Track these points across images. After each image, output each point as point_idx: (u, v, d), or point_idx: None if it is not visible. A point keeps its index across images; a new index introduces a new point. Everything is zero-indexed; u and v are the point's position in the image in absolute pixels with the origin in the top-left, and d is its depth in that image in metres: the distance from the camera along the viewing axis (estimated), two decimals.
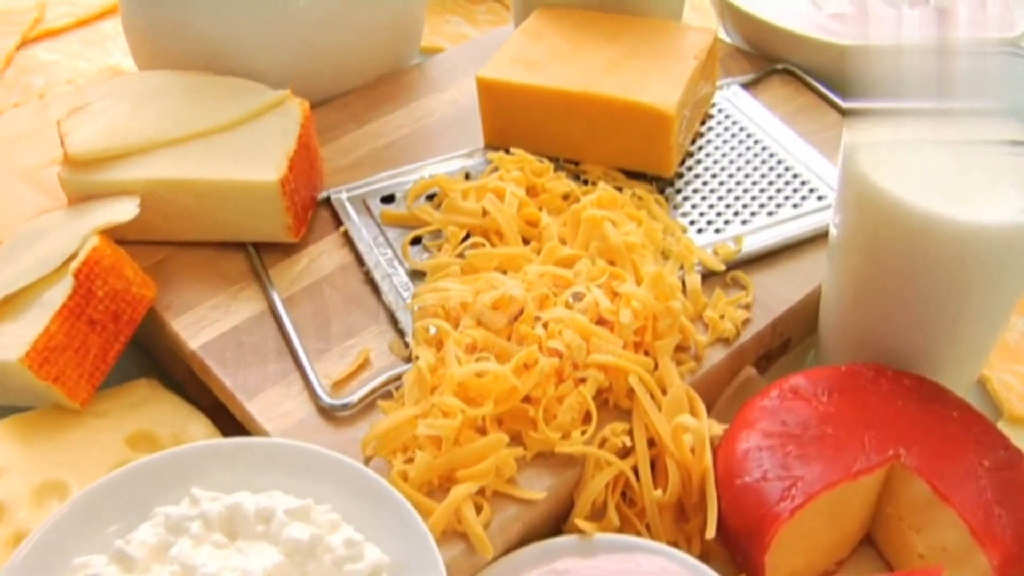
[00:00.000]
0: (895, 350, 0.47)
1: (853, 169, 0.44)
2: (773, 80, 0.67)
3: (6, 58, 0.78)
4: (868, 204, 0.44)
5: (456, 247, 0.51)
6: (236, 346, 0.50)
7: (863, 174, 0.44)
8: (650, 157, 0.56)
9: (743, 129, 0.61)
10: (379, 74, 0.68)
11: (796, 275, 0.52)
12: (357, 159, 0.60)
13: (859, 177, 0.44)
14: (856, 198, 0.45)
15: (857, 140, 0.44)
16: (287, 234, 0.53)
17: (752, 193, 0.56)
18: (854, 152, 0.44)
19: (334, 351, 0.49)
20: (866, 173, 0.44)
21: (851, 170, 0.44)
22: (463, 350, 0.45)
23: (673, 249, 0.51)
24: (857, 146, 0.44)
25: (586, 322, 0.46)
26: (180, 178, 0.52)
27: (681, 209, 0.55)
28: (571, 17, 0.62)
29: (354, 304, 0.51)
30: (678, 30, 0.61)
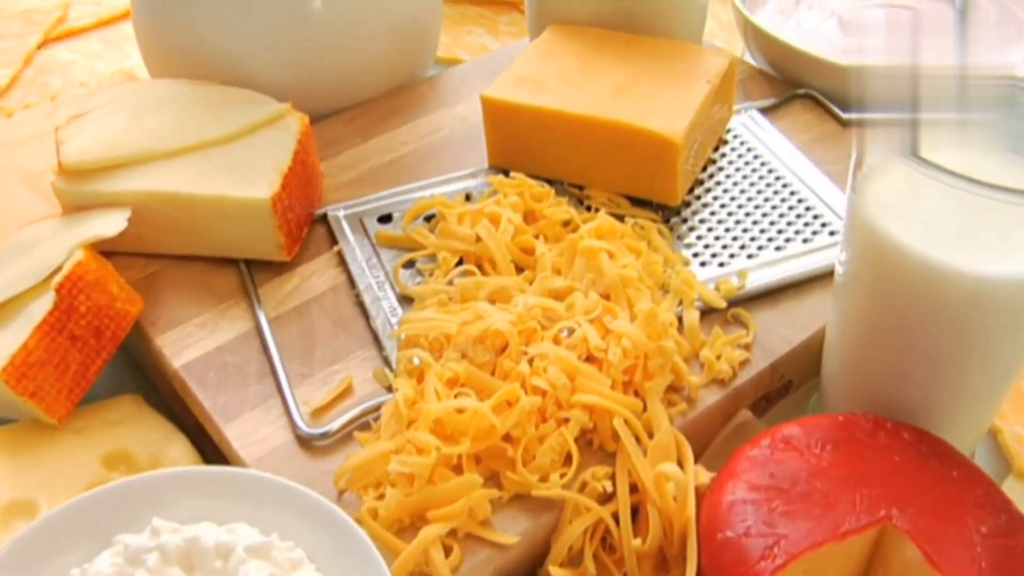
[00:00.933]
0: (898, 400, 0.45)
1: (859, 208, 0.42)
2: (794, 105, 0.64)
3: (26, 57, 0.78)
4: (873, 247, 0.42)
5: (447, 273, 0.50)
6: (219, 366, 0.49)
7: (869, 215, 0.42)
8: (656, 185, 0.54)
9: (757, 157, 0.59)
10: (391, 86, 0.66)
11: (801, 314, 0.50)
12: (358, 175, 0.59)
13: (864, 218, 0.42)
14: (861, 240, 0.43)
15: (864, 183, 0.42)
16: (279, 252, 0.52)
17: (761, 226, 0.54)
18: (861, 190, 0.42)
19: (317, 376, 0.48)
20: (872, 214, 0.41)
21: (857, 209, 0.42)
22: (444, 384, 0.44)
23: (673, 283, 0.49)
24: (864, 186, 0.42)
25: (573, 359, 0.44)
26: (171, 192, 0.51)
27: (686, 240, 0.53)
28: (585, 35, 0.61)
29: (342, 327, 0.50)
30: (694, 52, 0.59)
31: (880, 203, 0.41)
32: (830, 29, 0.69)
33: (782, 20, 0.71)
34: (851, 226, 0.43)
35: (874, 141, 0.40)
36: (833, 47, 0.66)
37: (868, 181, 0.42)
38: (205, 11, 0.60)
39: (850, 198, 0.43)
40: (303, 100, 0.63)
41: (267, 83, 0.61)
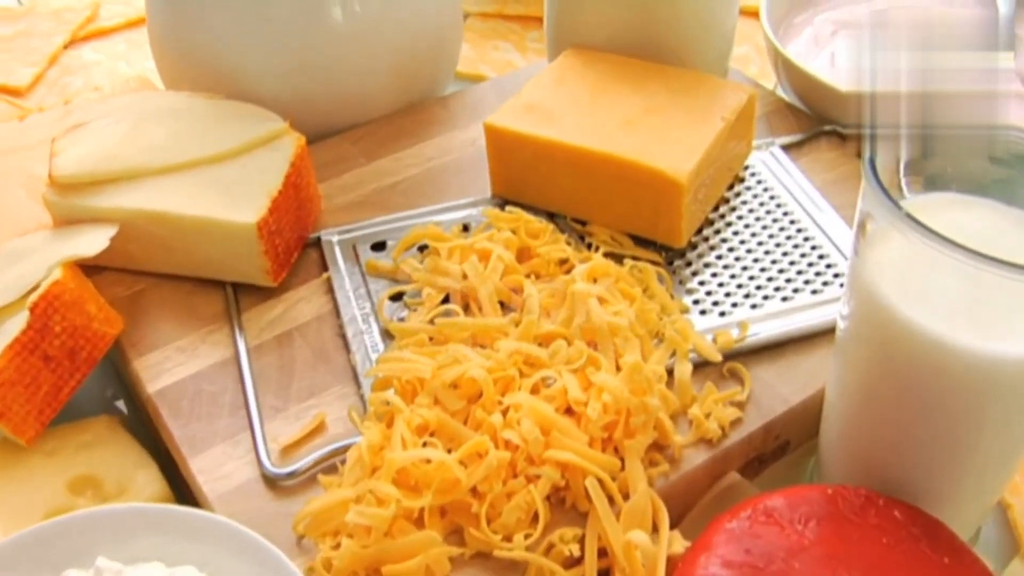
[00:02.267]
0: (898, 475, 0.42)
1: (860, 272, 0.39)
2: (820, 143, 0.61)
3: (51, 56, 0.78)
4: (873, 315, 0.39)
5: (431, 311, 0.48)
6: (194, 394, 0.47)
7: (870, 280, 0.39)
8: (659, 225, 0.52)
9: (773, 198, 0.56)
10: (405, 104, 0.65)
11: (803, 372, 0.47)
12: (358, 198, 0.57)
13: (866, 283, 0.39)
14: (861, 305, 0.40)
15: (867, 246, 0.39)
16: (265, 278, 0.51)
17: (769, 273, 0.51)
18: (863, 253, 0.39)
19: (291, 411, 0.47)
20: (873, 280, 0.39)
21: (858, 273, 0.40)
22: (412, 431, 0.42)
23: (667, 333, 0.47)
24: (867, 249, 0.39)
25: (550, 412, 0.42)
26: (158, 211, 0.50)
27: (688, 285, 0.51)
28: (601, 61, 0.58)
29: (322, 360, 0.49)
30: (712, 85, 0.56)
31: (882, 269, 0.38)
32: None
33: (816, 50, 0.67)
34: (852, 288, 0.41)
35: (875, 203, 0.37)
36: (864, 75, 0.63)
37: (871, 244, 0.39)
38: (219, 22, 0.59)
39: (852, 261, 0.40)
40: (312, 116, 0.61)
41: (277, 98, 0.60)
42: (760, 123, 0.62)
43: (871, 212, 0.38)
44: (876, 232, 0.38)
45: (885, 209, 0.36)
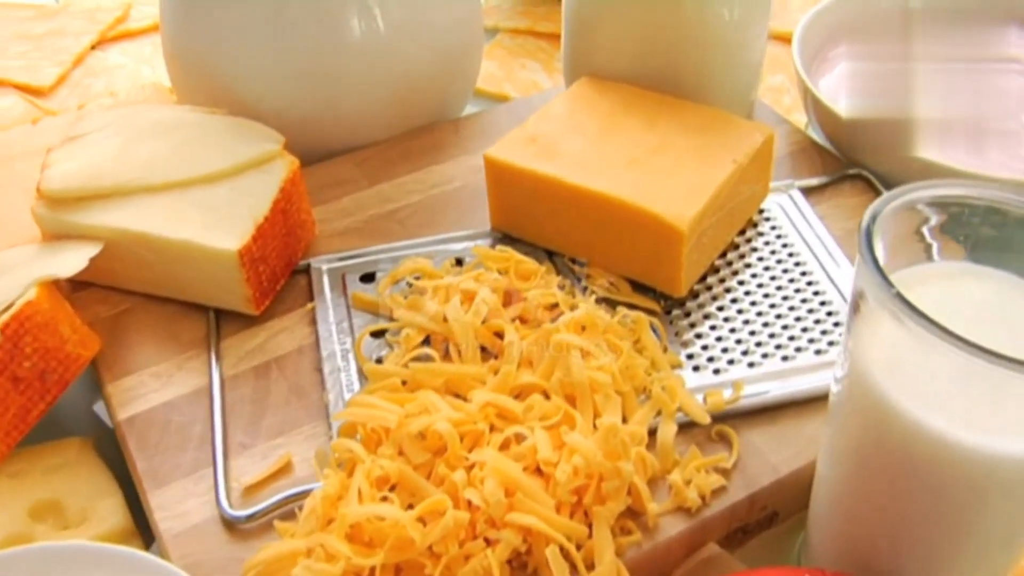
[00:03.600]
0: (886, 563, 0.39)
1: (855, 350, 0.37)
2: (844, 187, 0.58)
3: (77, 57, 0.78)
4: (866, 398, 0.36)
5: (408, 353, 0.46)
6: (163, 424, 0.46)
7: (864, 363, 0.36)
8: (659, 272, 0.49)
9: (786, 246, 0.53)
10: (416, 125, 0.63)
11: (796, 440, 0.44)
12: (355, 224, 0.56)
13: (860, 365, 0.36)
14: (855, 386, 0.37)
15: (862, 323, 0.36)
16: (246, 305, 0.49)
17: (772, 329, 0.48)
18: (858, 332, 0.36)
19: (259, 448, 0.45)
20: (867, 365, 0.36)
21: (852, 352, 0.37)
22: (372, 483, 0.40)
23: (654, 390, 0.44)
24: (861, 327, 0.36)
25: (516, 472, 0.40)
26: (141, 232, 0.49)
27: (684, 336, 0.48)
28: (615, 92, 0.56)
29: (297, 396, 0.47)
30: (729, 123, 0.53)
31: (875, 352, 0.35)
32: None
33: None
34: (846, 364, 0.38)
35: (866, 277, 0.34)
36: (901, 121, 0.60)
37: (865, 322, 0.36)
38: (232, 35, 0.58)
39: (846, 338, 0.37)
40: (320, 134, 0.60)
41: (284, 114, 0.59)
42: (782, 162, 0.60)
43: (864, 288, 0.35)
44: (870, 310, 0.35)
45: (875, 286, 0.33)
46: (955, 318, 0.38)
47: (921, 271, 0.40)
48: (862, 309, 0.35)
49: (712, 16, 0.56)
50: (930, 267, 0.40)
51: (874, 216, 0.36)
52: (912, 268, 0.40)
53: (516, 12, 0.82)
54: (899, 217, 0.39)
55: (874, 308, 0.34)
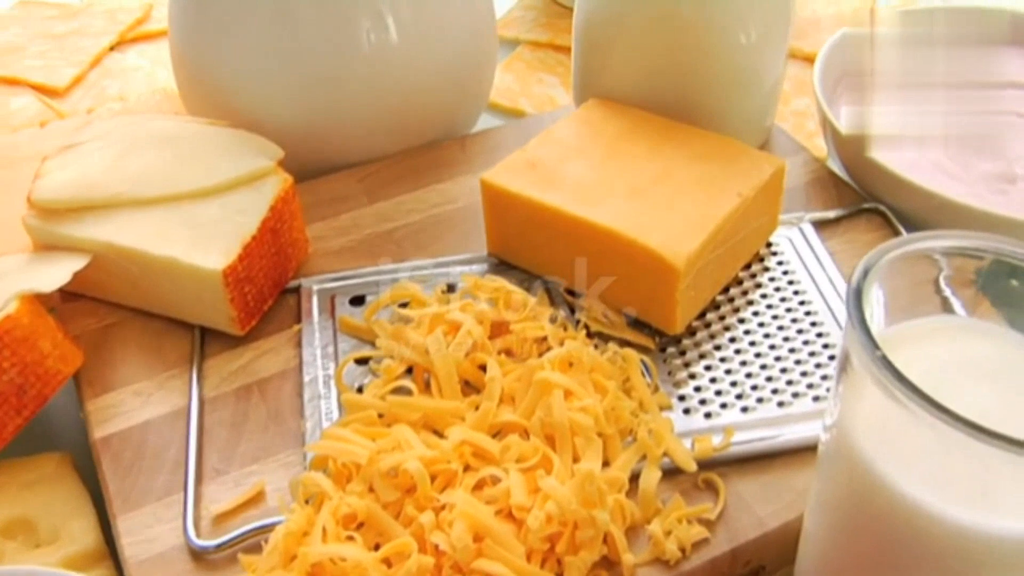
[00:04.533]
0: None
1: (842, 416, 0.35)
2: (859, 221, 0.56)
3: (94, 58, 0.77)
4: (852, 462, 0.34)
5: (388, 384, 0.44)
6: (138, 445, 0.45)
7: (848, 429, 0.34)
8: (653, 308, 0.47)
9: (792, 283, 0.51)
10: (424, 141, 0.62)
11: (787, 491, 0.43)
12: (351, 243, 0.55)
13: (845, 431, 0.34)
14: (841, 444, 0.35)
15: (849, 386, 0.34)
16: (231, 326, 0.48)
17: (770, 372, 0.46)
18: (845, 395, 0.34)
19: (232, 475, 0.44)
20: (852, 429, 0.34)
21: (840, 417, 0.35)
22: (339, 520, 0.39)
23: (639, 433, 0.43)
24: (848, 390, 0.34)
25: (487, 516, 0.38)
26: (128, 247, 0.48)
27: (676, 376, 0.46)
28: (622, 116, 0.54)
29: (275, 422, 0.46)
30: (738, 153, 0.51)
31: (862, 419, 0.34)
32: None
33: None
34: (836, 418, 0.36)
35: (852, 337, 0.32)
36: (918, 156, 0.57)
37: (852, 383, 0.34)
38: (240, 44, 0.57)
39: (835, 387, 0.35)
40: (324, 148, 0.59)
41: (288, 127, 0.58)
42: (796, 192, 0.57)
43: (849, 347, 0.33)
44: (855, 370, 0.33)
45: (859, 346, 0.32)
46: (958, 381, 0.36)
47: (931, 324, 0.38)
48: (848, 368, 0.34)
49: (728, 41, 0.54)
50: (944, 320, 0.38)
51: (866, 270, 0.34)
52: (921, 320, 0.38)
53: (538, 24, 0.80)
54: (910, 265, 0.37)
55: (859, 370, 0.32)
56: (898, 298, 0.38)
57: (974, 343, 0.38)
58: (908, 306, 0.38)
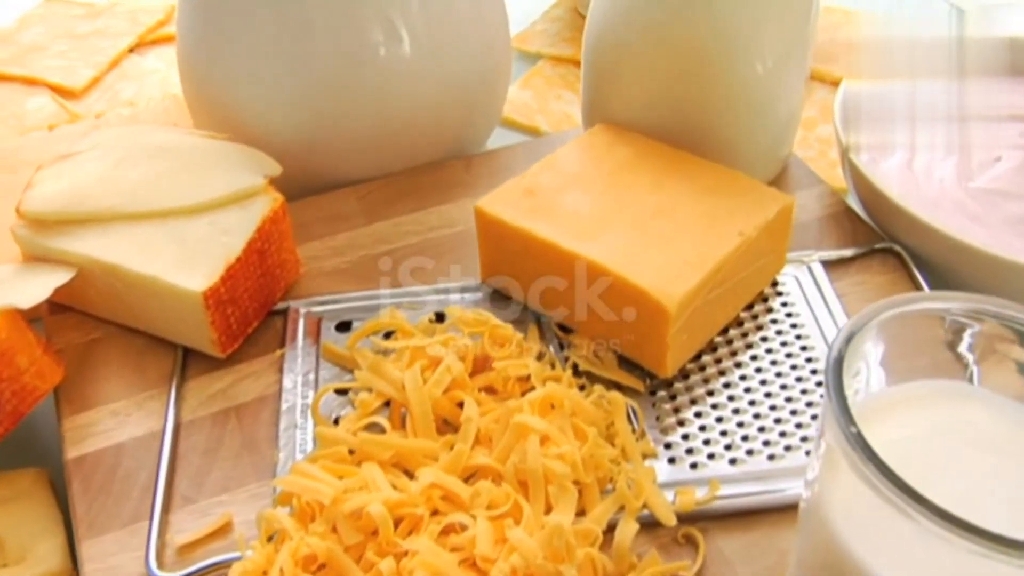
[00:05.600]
0: None
1: (819, 495, 0.33)
2: (873, 262, 0.53)
3: (113, 60, 0.77)
4: (825, 536, 0.32)
5: (363, 419, 0.43)
6: (110, 468, 0.44)
7: (825, 509, 0.32)
8: (644, 350, 0.45)
9: (796, 326, 0.49)
10: (431, 159, 0.60)
11: (768, 552, 0.40)
12: (344, 264, 0.53)
13: (821, 512, 0.32)
14: (818, 540, 0.33)
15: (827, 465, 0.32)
16: (212, 348, 0.47)
17: (763, 422, 0.44)
18: (824, 474, 0.32)
19: (201, 503, 0.43)
20: (828, 510, 0.32)
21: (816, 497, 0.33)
22: (298, 561, 0.38)
23: (618, 484, 0.41)
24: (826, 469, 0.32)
25: (450, 565, 0.37)
26: (111, 263, 0.47)
27: (665, 422, 0.45)
28: (628, 144, 0.52)
29: (249, 450, 0.45)
30: (745, 188, 0.49)
31: (837, 490, 0.32)
32: (949, 168, 0.57)
33: None
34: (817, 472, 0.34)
35: (828, 414, 0.30)
36: (940, 195, 0.55)
37: (829, 455, 0.32)
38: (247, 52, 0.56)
39: (814, 457, 0.33)
40: (327, 164, 0.58)
41: (292, 141, 0.57)
42: (808, 227, 0.55)
43: (825, 418, 0.31)
44: (832, 444, 0.31)
45: (833, 419, 0.30)
46: (953, 454, 0.34)
47: (938, 387, 0.36)
48: (824, 450, 0.32)
49: (743, 70, 0.52)
50: (952, 385, 0.36)
51: (850, 336, 0.32)
52: (926, 382, 0.36)
53: (561, 39, 0.78)
54: (916, 322, 0.35)
55: (833, 442, 0.30)
56: (904, 355, 0.36)
57: (980, 411, 0.36)
58: (916, 365, 0.36)
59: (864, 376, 0.36)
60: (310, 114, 0.57)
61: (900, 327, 0.35)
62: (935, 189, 0.55)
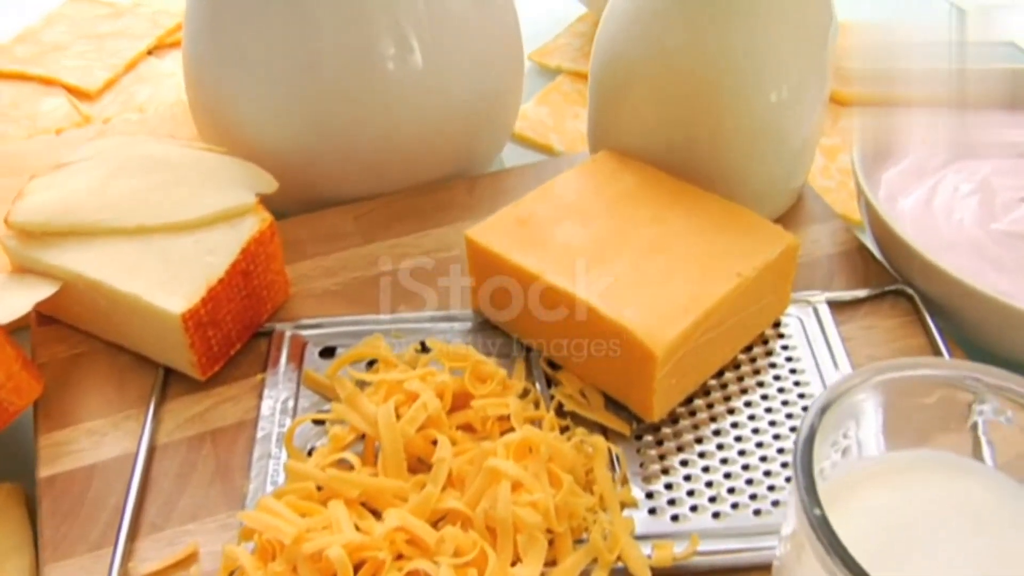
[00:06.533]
0: None
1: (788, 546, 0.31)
2: (883, 305, 0.51)
3: (130, 62, 0.76)
4: None
5: (334, 453, 0.42)
6: (81, 490, 0.44)
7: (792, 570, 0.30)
8: (631, 393, 0.44)
9: (795, 371, 0.47)
10: (437, 177, 0.59)
11: None
12: (335, 286, 0.52)
13: (788, 567, 0.31)
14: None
15: None
16: (192, 370, 0.47)
17: (752, 474, 0.42)
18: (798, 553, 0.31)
19: (168, 531, 0.42)
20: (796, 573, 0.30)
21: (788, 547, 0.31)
22: None
23: (593, 535, 0.39)
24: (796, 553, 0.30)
25: None
26: (95, 279, 0.46)
27: (648, 470, 0.43)
28: (631, 173, 0.51)
29: (221, 478, 0.44)
30: (748, 225, 0.47)
31: (804, 564, 0.30)
32: (970, 207, 0.54)
33: (916, 183, 0.57)
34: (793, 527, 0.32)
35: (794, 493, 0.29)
36: (958, 236, 0.52)
37: (795, 545, 0.30)
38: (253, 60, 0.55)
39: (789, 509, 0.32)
40: (327, 180, 0.57)
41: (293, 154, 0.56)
42: (818, 265, 0.53)
43: (792, 494, 0.29)
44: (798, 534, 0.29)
45: (800, 499, 0.28)
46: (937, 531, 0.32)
47: (933, 458, 0.34)
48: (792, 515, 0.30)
49: (755, 99, 0.50)
50: (945, 457, 0.34)
51: (824, 407, 0.30)
52: (924, 452, 0.34)
53: (583, 54, 0.77)
54: (918, 389, 0.33)
55: (798, 523, 0.29)
56: (906, 421, 0.34)
57: (975, 486, 0.34)
58: (917, 430, 0.35)
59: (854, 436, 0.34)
60: (314, 126, 0.56)
61: (898, 390, 0.33)
62: (953, 230, 0.53)
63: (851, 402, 0.30)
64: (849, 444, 0.32)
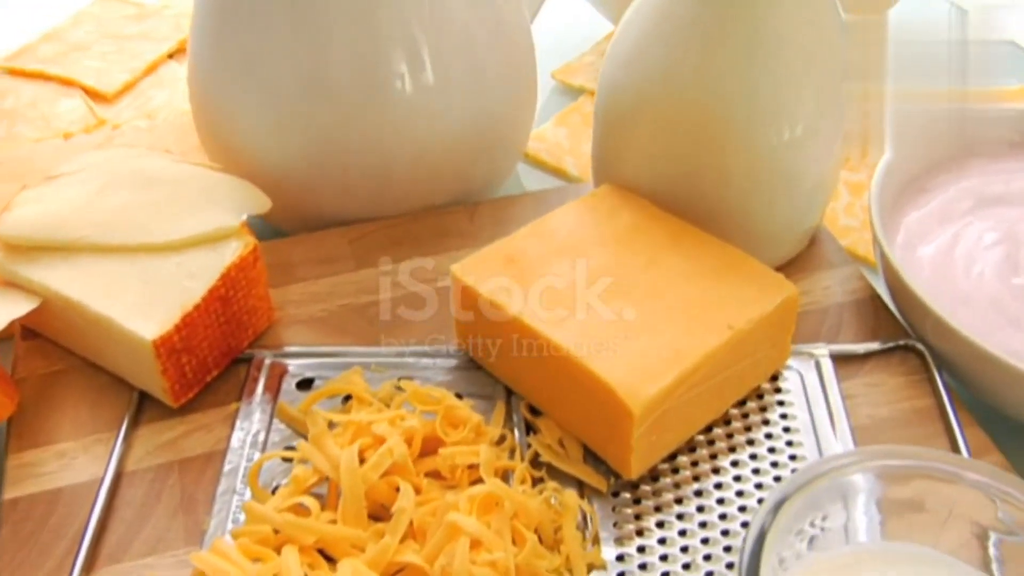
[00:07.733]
0: None
1: None
2: (892, 360, 0.48)
3: (149, 65, 0.76)
4: None
5: (294, 495, 0.41)
6: (44, 515, 0.43)
7: None
8: (610, 448, 0.42)
9: (788, 430, 0.45)
10: (438, 203, 0.57)
11: None
12: (322, 313, 0.51)
13: None
14: None
15: None
16: (164, 396, 0.45)
17: (731, 541, 0.40)
18: None
19: (126, 565, 0.41)
20: None
21: None
22: None
23: None
24: None
25: None
26: (71, 298, 0.45)
27: (623, 530, 0.41)
28: (632, 211, 0.49)
29: (185, 510, 0.43)
30: (749, 274, 0.45)
31: None
32: (993, 259, 0.51)
33: (939, 228, 0.54)
34: None
35: None
36: (975, 290, 0.49)
37: None
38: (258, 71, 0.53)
39: None
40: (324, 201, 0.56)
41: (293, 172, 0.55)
42: (826, 314, 0.51)
43: None
44: None
45: None
46: None
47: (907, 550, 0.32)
48: None
49: (766, 137, 0.48)
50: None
51: (777, 505, 0.28)
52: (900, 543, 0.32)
53: None
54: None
55: None
56: (907, 514, 0.32)
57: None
58: (916, 526, 0.32)
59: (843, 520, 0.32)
60: (318, 143, 0.54)
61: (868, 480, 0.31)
62: (973, 282, 0.50)
63: (812, 494, 0.28)
64: (816, 534, 0.30)
